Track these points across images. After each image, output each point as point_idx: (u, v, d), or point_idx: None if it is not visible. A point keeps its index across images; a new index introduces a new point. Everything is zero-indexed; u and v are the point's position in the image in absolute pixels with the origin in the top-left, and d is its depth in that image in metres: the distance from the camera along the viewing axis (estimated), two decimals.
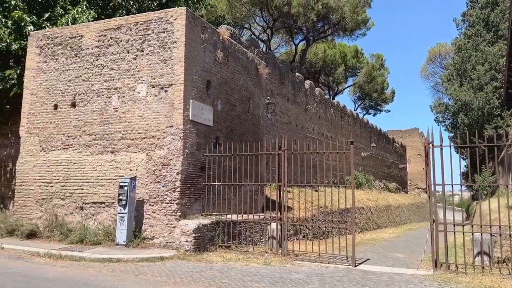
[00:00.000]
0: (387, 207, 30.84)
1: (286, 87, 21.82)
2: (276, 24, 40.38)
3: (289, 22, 39.93)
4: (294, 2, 35.76)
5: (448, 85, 35.98)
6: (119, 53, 11.35)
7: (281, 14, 37.95)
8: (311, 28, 40.53)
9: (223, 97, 12.32)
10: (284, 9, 36.61)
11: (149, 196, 10.59)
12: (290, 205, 16.81)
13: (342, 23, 39.48)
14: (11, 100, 13.39)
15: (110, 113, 11.28)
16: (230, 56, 12.74)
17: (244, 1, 37.64)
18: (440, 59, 43.58)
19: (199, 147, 11.08)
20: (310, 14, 36.99)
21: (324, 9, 37.29)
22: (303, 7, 36.03)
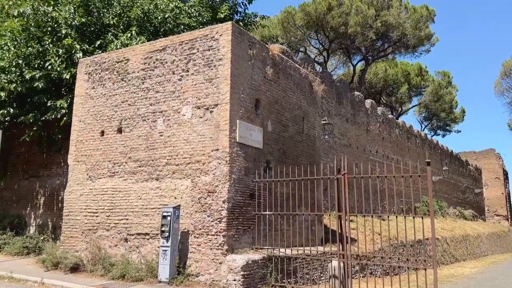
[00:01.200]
0: (465, 237, 27.66)
1: (344, 107, 20.42)
2: (333, 45, 39.24)
3: (346, 43, 38.63)
4: (351, 21, 34.51)
5: None
6: (164, 74, 10.80)
7: (337, 35, 36.80)
8: (370, 48, 38.87)
9: (273, 117, 11.29)
10: (341, 29, 35.43)
11: (194, 227, 9.66)
12: (353, 237, 15.17)
13: (404, 40, 37.44)
14: (63, 128, 13.33)
15: (155, 138, 10.66)
16: (281, 73, 11.76)
17: (299, 24, 37.07)
18: None
19: (247, 172, 10.06)
20: (369, 33, 35.50)
21: (383, 27, 35.63)
22: (360, 26, 34.64)
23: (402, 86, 45.51)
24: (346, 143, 20.16)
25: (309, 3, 35.34)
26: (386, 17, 35.31)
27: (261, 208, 10.06)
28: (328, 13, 34.71)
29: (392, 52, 40.61)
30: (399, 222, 18.05)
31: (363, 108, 22.48)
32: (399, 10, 36.10)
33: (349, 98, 21.00)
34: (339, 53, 42.43)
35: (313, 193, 11.63)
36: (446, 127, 54.57)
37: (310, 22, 35.96)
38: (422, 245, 20.39)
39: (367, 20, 34.78)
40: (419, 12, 35.74)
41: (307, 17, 35.52)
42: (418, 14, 35.65)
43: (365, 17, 34.52)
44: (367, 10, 34.71)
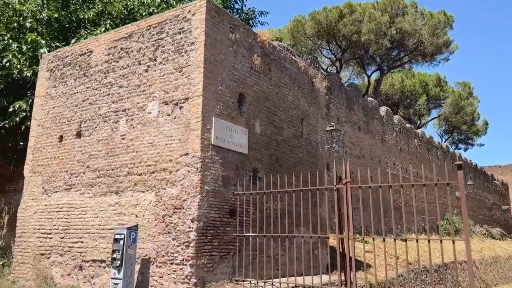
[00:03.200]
0: (495, 259, 24.60)
1: (356, 114, 18.12)
2: (346, 55, 37.08)
3: (360, 52, 36.44)
4: (364, 29, 32.35)
5: None
6: (129, 66, 8.83)
7: (350, 44, 34.65)
8: (385, 57, 36.59)
9: (263, 117, 9.14)
10: (353, 37, 33.26)
11: (157, 254, 7.49)
12: (368, 261, 12.73)
13: (421, 48, 35.04)
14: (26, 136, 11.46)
15: (116, 142, 8.63)
16: (273, 65, 9.66)
17: (309, 34, 35.15)
18: None
19: (226, 182, 7.88)
20: (383, 41, 33.25)
21: (398, 34, 33.35)
22: (374, 34, 32.42)
23: (420, 98, 42.85)
24: (359, 154, 17.80)
25: (319, 11, 33.45)
26: (401, 24, 33.08)
27: (244, 228, 7.84)
28: (339, 21, 32.72)
29: (408, 62, 38.21)
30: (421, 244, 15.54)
31: (377, 115, 20.13)
32: (415, 16, 33.85)
33: (361, 104, 18.72)
34: (353, 64, 40.21)
35: (316, 209, 9.37)
36: (468, 141, 51.39)
37: (321, 31, 33.97)
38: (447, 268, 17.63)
39: (381, 27, 32.58)
40: (437, 18, 33.39)
41: (318, 26, 33.56)
42: (435, 20, 33.29)
43: (379, 24, 32.37)
44: (380, 17, 32.58)
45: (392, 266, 12.73)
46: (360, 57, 37.46)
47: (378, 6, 33.51)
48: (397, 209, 20.10)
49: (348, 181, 6.62)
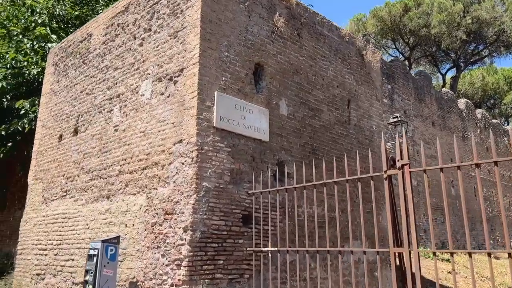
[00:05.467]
0: None
1: (428, 106, 15.04)
2: (415, 53, 33.42)
3: (431, 49, 32.67)
4: (434, 21, 28.67)
5: None
6: (124, 43, 7.16)
7: (419, 40, 31.01)
8: (461, 51, 32.33)
9: (292, 95, 6.90)
10: (422, 32, 29.62)
11: (144, 275, 5.50)
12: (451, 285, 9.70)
13: (503, 37, 30.40)
14: None
15: (109, 135, 6.92)
16: (305, 30, 7.43)
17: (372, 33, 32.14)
18: None
19: (237, 178, 5.73)
20: (457, 33, 29.25)
21: (474, 24, 29.19)
22: (446, 25, 28.58)
23: (506, 96, 37.39)
24: (434, 153, 14.63)
25: (381, 7, 30.42)
26: (478, 12, 28.94)
27: (265, 240, 5.59)
28: (404, 15, 29.43)
29: (489, 55, 33.55)
30: None
31: (455, 109, 16.75)
32: (493, 2, 29.52)
33: (433, 95, 15.59)
34: (424, 63, 36.22)
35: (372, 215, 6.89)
36: None
37: (384, 28, 30.83)
38: None
39: (453, 17, 28.69)
40: None
41: (381, 23, 30.50)
42: None
43: (451, 14, 28.55)
44: (452, 6, 28.76)
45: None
46: (432, 54, 33.52)
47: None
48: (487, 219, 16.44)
49: (405, 164, 4.14)
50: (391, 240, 4.14)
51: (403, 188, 4.10)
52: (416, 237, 3.92)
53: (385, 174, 4.30)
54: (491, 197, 17.36)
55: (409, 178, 4.09)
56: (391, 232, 4.14)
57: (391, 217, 4.19)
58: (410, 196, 4.03)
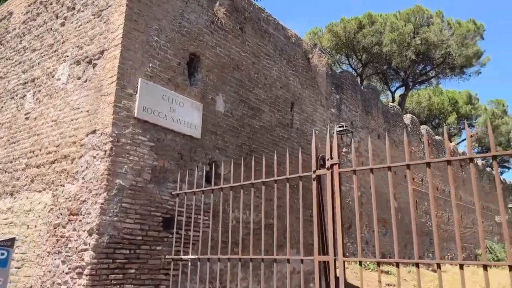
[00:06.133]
0: None
1: (374, 119, 15.08)
2: (367, 70, 34.22)
3: (382, 67, 33.57)
4: (386, 39, 29.48)
5: None
6: (46, 22, 6.34)
7: (371, 57, 31.74)
8: (410, 71, 33.46)
9: (231, 91, 6.37)
10: (374, 49, 30.35)
11: (41, 284, 4.69)
12: None
13: (448, 60, 31.75)
14: None
15: (19, 124, 6.04)
16: (249, 26, 6.96)
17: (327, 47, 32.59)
18: None
19: (160, 177, 5.08)
20: (407, 52, 30.19)
21: (423, 45, 30.28)
22: (397, 44, 29.46)
23: (450, 116, 39.16)
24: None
25: (337, 23, 30.93)
26: (426, 34, 30.05)
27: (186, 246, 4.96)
28: (358, 32, 30.04)
29: (436, 76, 34.91)
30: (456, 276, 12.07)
31: (400, 123, 16.98)
32: (441, 26, 30.82)
33: (380, 109, 15.68)
34: (376, 80, 37.21)
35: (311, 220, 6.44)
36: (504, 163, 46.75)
37: (339, 43, 31.31)
38: None
39: (404, 37, 29.63)
40: (465, 27, 30.21)
41: (336, 38, 30.94)
42: (464, 29, 30.11)
43: (402, 34, 29.48)
44: (403, 27, 29.73)
45: None
46: (383, 71, 34.42)
47: (400, 16, 30.72)
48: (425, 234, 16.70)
49: (335, 163, 3.70)
50: (317, 247, 3.65)
51: (332, 189, 3.65)
52: (343, 244, 3.46)
53: (314, 174, 3.84)
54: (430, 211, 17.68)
55: (338, 179, 3.65)
56: (316, 238, 3.66)
57: (317, 222, 3.72)
58: (338, 199, 3.58)
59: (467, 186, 21.69)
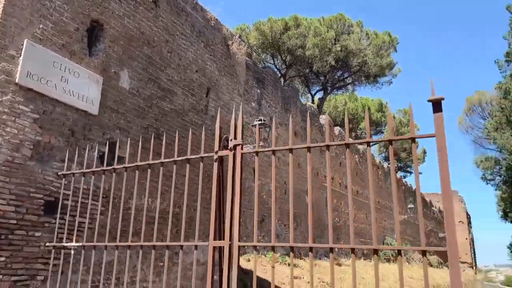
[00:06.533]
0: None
1: (293, 117, 15.29)
2: (290, 72, 35.08)
3: (304, 70, 34.63)
4: (309, 43, 30.43)
5: (497, 134, 28.70)
6: None
7: (295, 59, 32.59)
8: (329, 76, 35.00)
9: (138, 67, 5.85)
10: (298, 52, 31.22)
11: None
12: None
13: (364, 68, 33.73)
14: None
15: None
16: (164, 0, 6.49)
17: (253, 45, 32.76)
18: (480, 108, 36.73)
19: (44, 154, 4.43)
20: (328, 58, 31.53)
21: (343, 52, 31.79)
22: (319, 49, 30.58)
23: (363, 122, 41.73)
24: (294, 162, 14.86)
25: (264, 22, 31.22)
26: (346, 42, 31.58)
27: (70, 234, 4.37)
28: (284, 33, 30.64)
29: (352, 83, 36.90)
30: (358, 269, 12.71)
31: (316, 123, 17.50)
32: (360, 35, 32.61)
33: (299, 107, 16.00)
34: (298, 82, 38.33)
35: None
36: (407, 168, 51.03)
37: (265, 42, 31.67)
38: None
39: (326, 43, 30.84)
40: (381, 38, 32.32)
41: (262, 37, 31.25)
42: (380, 40, 32.19)
43: (324, 39, 30.65)
44: (326, 33, 30.94)
45: None
46: (305, 74, 35.59)
47: (324, 22, 31.93)
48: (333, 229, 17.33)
49: (238, 144, 3.45)
50: (212, 232, 3.36)
51: (233, 171, 3.39)
52: (239, 229, 3.22)
53: (216, 155, 3.55)
54: (339, 208, 18.49)
55: (240, 160, 3.40)
56: (213, 222, 3.37)
57: (216, 206, 3.43)
58: (239, 181, 3.33)
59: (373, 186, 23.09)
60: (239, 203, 3.31)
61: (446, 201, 2.26)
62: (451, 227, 2.21)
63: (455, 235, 2.20)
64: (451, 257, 2.15)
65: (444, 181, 2.31)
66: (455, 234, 2.21)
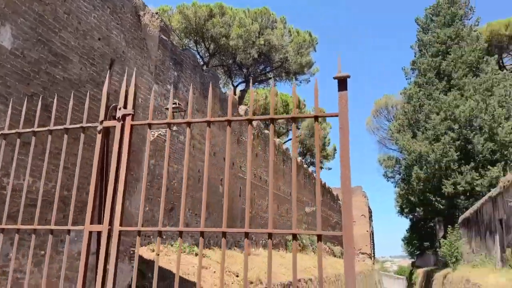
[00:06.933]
0: (337, 277, 23.69)
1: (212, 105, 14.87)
2: (214, 60, 34.51)
3: (228, 60, 34.33)
4: (233, 33, 30.16)
5: (399, 136, 31.18)
6: None
7: (218, 48, 32.09)
8: (252, 69, 35.17)
9: (25, 26, 4.99)
10: (222, 41, 30.78)
11: None
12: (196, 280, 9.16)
13: (285, 64, 34.46)
14: None
15: None
16: None
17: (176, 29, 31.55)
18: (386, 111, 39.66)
19: None
20: (251, 50, 31.59)
21: (266, 46, 32.06)
22: (243, 41, 30.45)
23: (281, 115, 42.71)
24: (210, 151, 14.46)
25: (188, 6, 30.21)
26: (270, 37, 31.89)
27: None
28: (209, 20, 29.97)
29: (273, 77, 37.53)
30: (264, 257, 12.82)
31: (235, 113, 17.30)
32: (283, 31, 33.12)
33: (218, 95, 15.62)
34: (220, 72, 37.90)
35: None
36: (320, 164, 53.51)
37: (189, 27, 30.71)
38: None
39: (250, 35, 30.81)
40: (302, 37, 33.19)
41: (186, 21, 30.26)
42: (301, 38, 33.03)
43: (248, 31, 30.58)
44: (250, 25, 30.88)
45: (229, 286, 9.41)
46: (228, 65, 35.29)
47: (249, 14, 31.84)
48: None
49: (128, 114, 2.97)
50: (89, 215, 2.85)
51: (119, 145, 2.90)
52: (122, 212, 2.76)
53: (101, 125, 3.02)
54: (252, 199, 18.56)
55: (130, 133, 2.93)
56: (91, 204, 2.85)
57: (96, 184, 2.91)
58: (126, 157, 2.86)
59: (287, 179, 23.65)
60: (124, 182, 2.84)
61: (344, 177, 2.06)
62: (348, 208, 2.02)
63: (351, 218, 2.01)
64: (346, 241, 1.98)
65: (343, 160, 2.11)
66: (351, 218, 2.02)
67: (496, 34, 33.22)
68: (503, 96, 25.93)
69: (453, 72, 29.10)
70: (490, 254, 15.97)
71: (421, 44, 31.79)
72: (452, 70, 29.15)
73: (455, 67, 29.00)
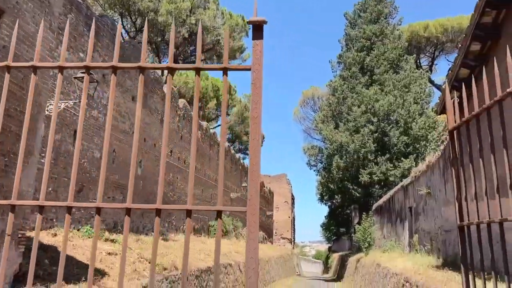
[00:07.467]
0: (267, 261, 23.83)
1: (131, 79, 13.75)
2: (140, 36, 32.47)
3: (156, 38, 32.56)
4: (163, 9, 28.60)
5: (323, 126, 32.09)
6: None
7: None
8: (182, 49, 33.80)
9: None
10: (150, 16, 29.04)
11: None
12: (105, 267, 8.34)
13: (217, 47, 33.62)
14: None
15: None
16: None
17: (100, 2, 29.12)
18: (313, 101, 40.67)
19: None
20: (181, 29, 30.26)
21: (197, 26, 30.91)
22: (173, 18, 29.01)
23: (211, 101, 41.83)
24: (128, 129, 13.40)
25: None
26: (201, 16, 30.74)
27: None
28: None
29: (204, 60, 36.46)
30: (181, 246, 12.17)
31: (159, 91, 16.25)
32: (215, 13, 32.17)
33: None
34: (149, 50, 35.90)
35: None
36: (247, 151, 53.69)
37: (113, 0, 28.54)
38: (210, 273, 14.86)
39: (180, 12, 29.44)
40: (235, 20, 32.56)
41: None
42: (234, 22, 32.39)
43: (179, 9, 29.20)
44: (181, 2, 29.50)
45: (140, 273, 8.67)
46: (156, 43, 33.52)
47: None
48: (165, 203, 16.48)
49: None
50: None
51: None
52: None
53: None
54: (175, 183, 17.75)
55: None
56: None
57: None
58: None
59: (212, 164, 23.09)
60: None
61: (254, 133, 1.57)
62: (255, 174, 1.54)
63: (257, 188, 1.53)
64: (250, 217, 1.50)
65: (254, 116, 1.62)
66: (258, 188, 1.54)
67: (415, 35, 35.38)
68: (418, 93, 27.70)
69: (376, 67, 30.44)
70: (400, 240, 16.95)
71: (348, 39, 32.80)
72: (375, 66, 30.48)
73: (377, 63, 30.34)
